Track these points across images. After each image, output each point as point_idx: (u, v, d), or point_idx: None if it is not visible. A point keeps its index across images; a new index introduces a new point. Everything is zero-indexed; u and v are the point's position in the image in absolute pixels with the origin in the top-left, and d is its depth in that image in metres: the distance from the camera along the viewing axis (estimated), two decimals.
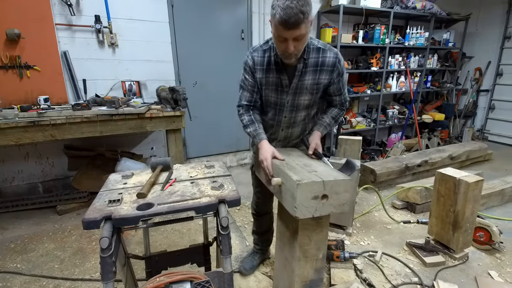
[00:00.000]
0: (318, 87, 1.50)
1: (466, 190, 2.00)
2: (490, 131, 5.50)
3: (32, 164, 3.13)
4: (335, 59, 1.45)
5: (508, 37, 5.02)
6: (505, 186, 2.99)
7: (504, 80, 5.18)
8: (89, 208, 1.10)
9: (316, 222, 1.27)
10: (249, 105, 1.58)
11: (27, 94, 2.78)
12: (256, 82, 1.54)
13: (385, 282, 1.94)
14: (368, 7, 3.98)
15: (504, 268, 2.08)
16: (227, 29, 3.71)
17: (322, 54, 1.44)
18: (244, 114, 1.58)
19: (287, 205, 1.23)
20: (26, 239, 2.46)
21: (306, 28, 1.24)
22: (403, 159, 3.61)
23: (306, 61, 1.43)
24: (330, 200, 1.15)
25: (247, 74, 1.53)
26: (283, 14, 1.16)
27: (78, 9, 2.91)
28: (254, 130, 1.53)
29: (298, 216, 1.14)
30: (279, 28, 1.23)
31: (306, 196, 1.12)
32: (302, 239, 1.29)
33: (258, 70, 1.51)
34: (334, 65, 1.46)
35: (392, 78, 4.67)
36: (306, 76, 1.46)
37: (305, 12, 1.18)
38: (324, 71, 1.46)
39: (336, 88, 1.56)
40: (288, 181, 1.20)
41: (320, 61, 1.45)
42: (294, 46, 1.27)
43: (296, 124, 1.63)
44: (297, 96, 1.51)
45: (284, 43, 1.28)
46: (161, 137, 3.67)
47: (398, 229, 2.61)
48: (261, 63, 1.49)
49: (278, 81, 1.49)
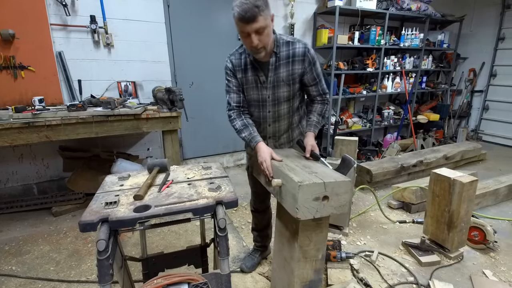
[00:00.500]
0: (293, 77, 1.58)
1: (461, 190, 2.02)
2: (484, 131, 5.56)
3: (27, 165, 3.10)
4: (304, 48, 1.54)
5: (502, 39, 5.08)
6: (499, 186, 3.02)
7: (498, 81, 5.25)
8: (85, 210, 1.09)
9: (316, 223, 1.28)
10: (239, 106, 1.67)
11: (22, 95, 2.75)
12: (239, 82, 1.65)
13: (382, 282, 1.95)
14: (364, 9, 4.01)
15: (498, 267, 2.11)
16: (224, 30, 3.71)
17: (292, 46, 1.54)
18: (236, 119, 1.65)
19: (288, 206, 1.24)
20: (21, 241, 2.44)
21: (265, 21, 1.35)
22: (399, 159, 3.64)
23: (278, 55, 1.54)
24: (331, 201, 1.16)
25: (229, 76, 1.65)
26: (240, 10, 1.29)
27: (73, 9, 2.89)
28: (249, 134, 1.59)
29: (299, 217, 1.15)
30: (240, 25, 1.35)
31: (307, 197, 1.13)
32: (302, 240, 1.29)
33: (237, 71, 1.62)
34: (304, 54, 1.54)
35: (388, 79, 4.70)
36: (280, 69, 1.56)
37: (259, 5, 1.30)
38: (296, 62, 1.55)
39: (311, 77, 1.61)
40: (289, 183, 1.20)
41: (291, 53, 1.54)
42: (258, 39, 1.38)
43: (281, 118, 1.70)
44: (276, 89, 1.60)
45: (248, 38, 1.38)
46: (157, 138, 3.65)
47: (394, 229, 2.63)
48: (239, 64, 1.61)
49: (256, 78, 1.60)
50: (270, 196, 2.02)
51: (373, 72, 4.45)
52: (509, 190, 3.09)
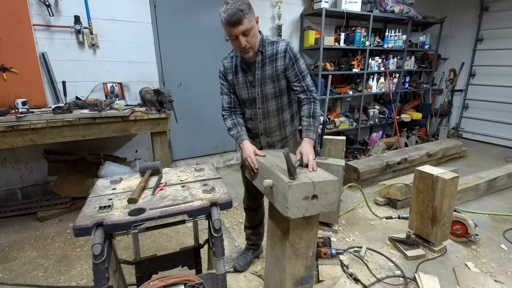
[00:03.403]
0: (277, 73, 1.65)
1: (443, 187, 2.11)
2: (464, 129, 5.78)
3: (10, 169, 3.00)
4: (286, 46, 1.62)
5: (480, 40, 5.30)
6: (479, 182, 3.16)
7: (477, 81, 5.47)
8: (79, 215, 1.08)
9: (306, 222, 1.31)
10: (230, 107, 1.79)
11: (4, 97, 2.67)
12: (231, 85, 1.76)
13: (370, 276, 2.02)
14: (349, 11, 4.10)
15: (479, 259, 2.21)
16: (211, 31, 3.71)
17: (276, 45, 1.63)
18: (227, 119, 1.78)
19: (278, 206, 1.27)
20: (7, 247, 2.37)
21: (250, 23, 1.46)
22: (384, 157, 3.75)
23: (264, 54, 1.63)
24: (320, 200, 1.20)
25: (221, 80, 1.78)
26: (226, 15, 1.41)
27: (56, 10, 2.82)
28: (237, 133, 1.71)
29: (289, 216, 1.18)
30: (227, 29, 1.46)
31: (297, 196, 1.16)
32: (293, 238, 1.32)
33: (229, 73, 1.74)
34: (285, 51, 1.61)
35: (373, 79, 4.82)
36: (266, 67, 1.65)
37: (243, 9, 1.41)
38: (278, 59, 1.63)
39: (293, 73, 1.65)
40: (279, 183, 1.23)
41: (274, 51, 1.63)
42: (246, 40, 1.49)
43: (270, 114, 1.76)
44: (263, 86, 1.69)
45: (237, 40, 1.49)
46: (145, 140, 3.61)
47: (381, 224, 2.71)
48: (230, 67, 1.73)
49: (245, 78, 1.70)
50: (262, 194, 2.04)
51: (358, 73, 4.55)
52: (488, 185, 3.23)
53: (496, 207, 3.00)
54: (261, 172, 1.50)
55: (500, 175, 3.32)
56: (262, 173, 1.48)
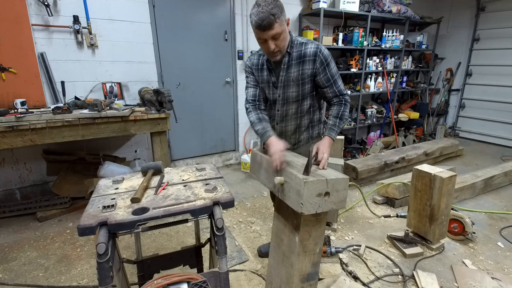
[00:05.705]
0: (303, 77, 1.59)
1: (441, 185, 2.13)
2: (461, 128, 5.83)
3: (9, 170, 3.00)
4: (316, 49, 1.54)
5: (477, 39, 5.34)
6: (476, 180, 3.19)
7: (473, 80, 5.51)
8: (82, 214, 1.09)
9: (315, 219, 1.34)
10: (254, 100, 1.70)
11: (3, 97, 2.66)
12: (256, 79, 1.72)
13: (369, 274, 2.04)
14: (347, 11, 4.12)
15: (477, 257, 2.24)
16: (211, 30, 3.72)
17: (304, 47, 1.56)
18: (251, 112, 1.68)
19: (291, 202, 1.29)
20: (6, 248, 2.37)
21: (280, 27, 1.41)
22: (382, 156, 3.78)
23: (291, 55, 1.57)
24: (332, 197, 1.23)
25: (248, 73, 1.74)
26: (257, 19, 1.36)
27: (55, 9, 2.82)
28: (262, 128, 1.58)
29: (303, 212, 1.20)
30: (257, 32, 1.43)
31: (311, 193, 1.19)
32: (303, 235, 1.35)
33: (254, 70, 1.71)
34: (315, 55, 1.54)
35: (370, 79, 4.85)
36: (291, 69, 1.59)
37: (275, 13, 1.35)
38: (306, 62, 1.56)
39: (324, 78, 1.59)
40: (293, 180, 1.25)
41: (302, 53, 1.56)
42: (275, 44, 1.45)
43: (288, 118, 1.72)
44: (286, 89, 1.64)
45: (265, 43, 1.45)
46: (144, 140, 3.62)
47: (379, 223, 2.73)
48: (256, 64, 1.70)
49: (269, 78, 1.67)
50: None
51: (356, 73, 4.58)
52: (485, 184, 3.27)
53: (492, 205, 3.04)
54: (268, 169, 1.50)
55: (496, 173, 3.36)
56: (269, 170, 1.48)
